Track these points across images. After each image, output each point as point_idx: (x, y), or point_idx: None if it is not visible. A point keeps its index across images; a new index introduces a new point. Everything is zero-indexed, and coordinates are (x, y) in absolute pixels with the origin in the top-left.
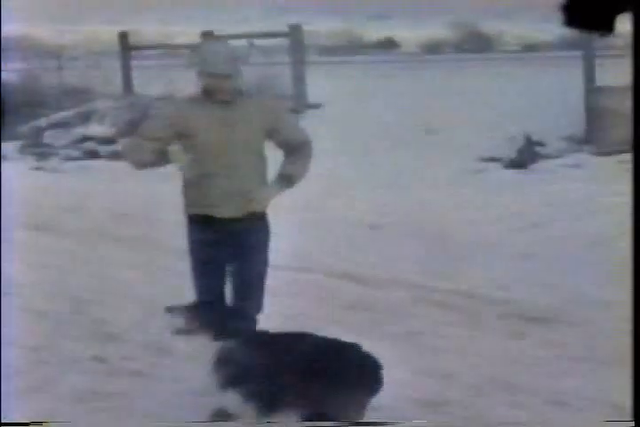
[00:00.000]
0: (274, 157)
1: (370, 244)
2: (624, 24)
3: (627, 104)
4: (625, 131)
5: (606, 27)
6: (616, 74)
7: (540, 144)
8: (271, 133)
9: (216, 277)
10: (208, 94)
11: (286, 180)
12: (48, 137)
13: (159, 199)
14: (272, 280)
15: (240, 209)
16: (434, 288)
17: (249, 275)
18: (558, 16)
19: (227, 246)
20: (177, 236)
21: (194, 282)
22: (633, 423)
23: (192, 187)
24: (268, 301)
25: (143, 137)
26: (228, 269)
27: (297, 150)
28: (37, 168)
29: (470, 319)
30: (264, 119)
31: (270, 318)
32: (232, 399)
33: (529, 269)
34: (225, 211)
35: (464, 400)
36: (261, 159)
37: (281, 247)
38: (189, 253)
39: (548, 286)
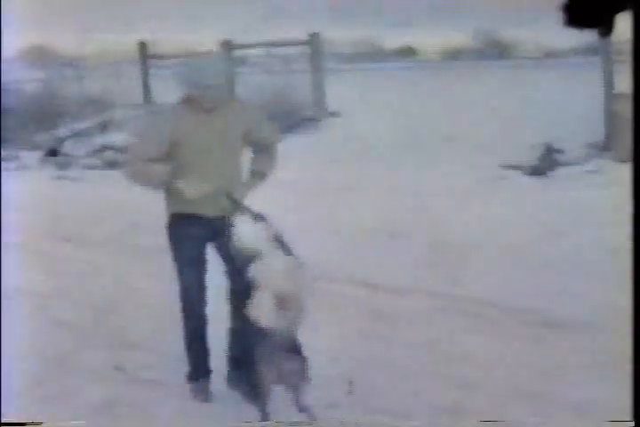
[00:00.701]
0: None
1: (388, 252)
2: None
3: None
4: None
5: (606, 26)
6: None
7: (560, 151)
8: (247, 135)
9: (199, 273)
10: (191, 102)
11: (259, 176)
12: (68, 146)
13: None
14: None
15: (223, 208)
16: (453, 296)
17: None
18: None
19: (209, 243)
20: None
21: (178, 278)
22: (633, 423)
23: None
24: None
25: (140, 159)
26: (224, 269)
27: (266, 149)
28: (58, 177)
29: (491, 327)
30: (241, 122)
31: None
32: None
33: (549, 277)
34: (210, 210)
35: (485, 408)
36: (239, 160)
37: (298, 255)
38: (172, 251)
39: (568, 294)
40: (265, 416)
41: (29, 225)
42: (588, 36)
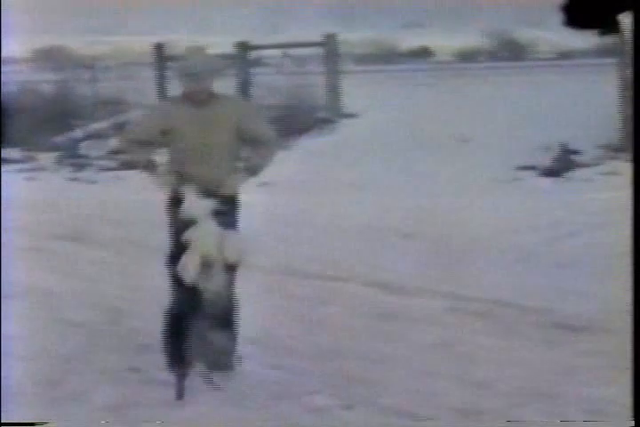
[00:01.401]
0: None
1: (401, 251)
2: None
3: None
4: None
5: (606, 26)
6: None
7: (576, 152)
8: (240, 131)
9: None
10: (187, 96)
11: (251, 170)
12: (84, 148)
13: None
14: (303, 288)
15: (209, 192)
16: (467, 297)
17: None
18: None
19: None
20: None
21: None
22: (633, 423)
23: (172, 173)
24: (298, 308)
25: (130, 139)
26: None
27: (262, 145)
28: (73, 179)
29: (505, 328)
30: (234, 117)
31: (300, 326)
32: None
33: (564, 278)
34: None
35: (500, 409)
36: (232, 152)
37: (313, 255)
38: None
39: (583, 295)
40: (180, 393)
41: (44, 226)
42: (604, 37)
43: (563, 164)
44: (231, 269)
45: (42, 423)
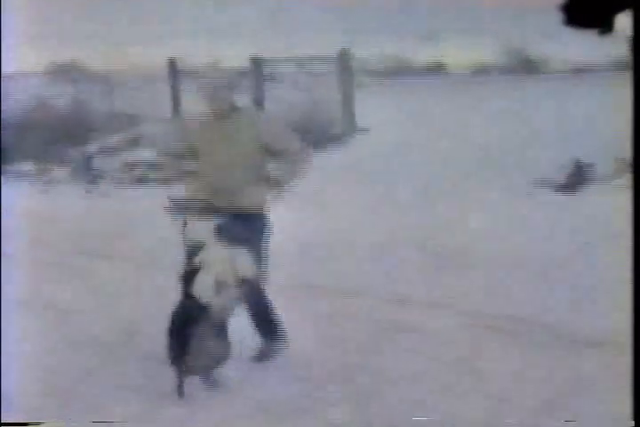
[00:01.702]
0: None
1: (417, 266)
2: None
3: None
4: None
5: (606, 26)
6: None
7: (590, 166)
8: (264, 144)
9: None
10: (210, 111)
11: (276, 182)
12: (98, 162)
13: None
14: (318, 304)
15: (234, 203)
16: (482, 312)
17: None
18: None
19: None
20: None
21: None
22: (633, 423)
23: (195, 182)
24: (311, 324)
25: (165, 152)
26: None
27: (287, 158)
28: (87, 193)
29: (520, 343)
30: (255, 131)
31: (313, 341)
32: None
33: (579, 293)
34: (218, 203)
35: (518, 424)
36: (255, 164)
37: (326, 269)
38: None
39: (598, 310)
40: (180, 390)
41: (57, 240)
42: (618, 51)
43: (577, 178)
44: (242, 284)
45: (40, 423)
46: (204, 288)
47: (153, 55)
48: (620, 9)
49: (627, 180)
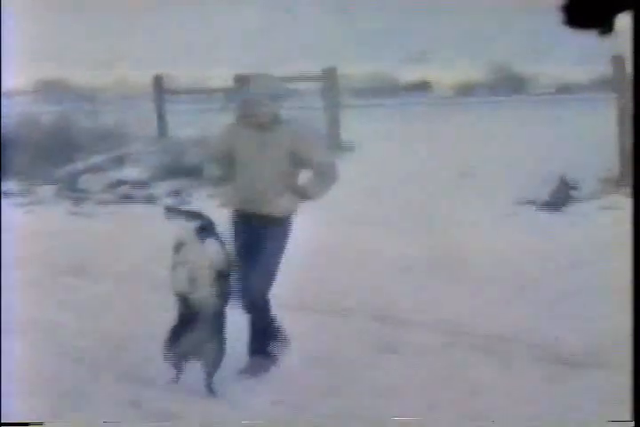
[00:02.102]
0: None
1: (401, 285)
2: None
3: None
4: None
5: (606, 26)
6: None
7: (575, 187)
8: (300, 158)
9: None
10: (249, 119)
11: (301, 194)
12: (83, 181)
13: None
14: (303, 322)
15: (260, 210)
16: (468, 331)
17: (264, 266)
18: (593, 56)
19: (250, 238)
20: None
21: None
22: (633, 423)
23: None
24: (299, 343)
25: (206, 155)
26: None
27: (319, 172)
28: (73, 212)
29: (506, 363)
30: (290, 143)
31: (299, 360)
32: None
33: (564, 312)
34: (249, 209)
35: None
36: (286, 176)
37: (311, 289)
38: None
39: (583, 329)
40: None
41: (45, 260)
42: (604, 70)
43: (561, 198)
44: (222, 278)
45: (40, 424)
46: (179, 284)
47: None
48: (621, 9)
49: (612, 199)
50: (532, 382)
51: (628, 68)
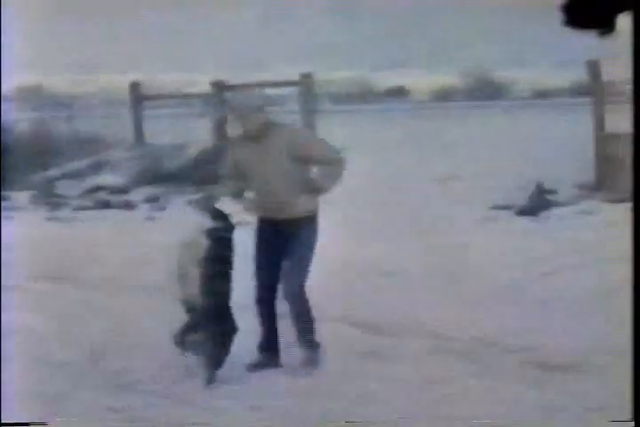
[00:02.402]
0: None
1: (385, 291)
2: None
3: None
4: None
5: (606, 26)
6: (626, 120)
7: (551, 191)
8: (303, 157)
9: (269, 268)
10: (244, 132)
11: (315, 191)
12: (60, 187)
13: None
14: (286, 329)
15: (283, 214)
16: (451, 336)
17: (298, 263)
18: (570, 62)
19: (278, 242)
20: None
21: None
22: (633, 423)
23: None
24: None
25: (224, 173)
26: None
27: (328, 167)
28: (50, 218)
29: (489, 368)
30: (290, 146)
31: (284, 368)
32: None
33: (544, 317)
34: (273, 216)
35: None
36: (295, 177)
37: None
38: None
39: (564, 334)
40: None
41: (22, 266)
42: (580, 76)
43: (538, 203)
44: (223, 278)
45: (40, 424)
46: (169, 281)
47: (118, 79)
48: (621, 9)
49: (589, 204)
50: (513, 386)
51: (604, 72)
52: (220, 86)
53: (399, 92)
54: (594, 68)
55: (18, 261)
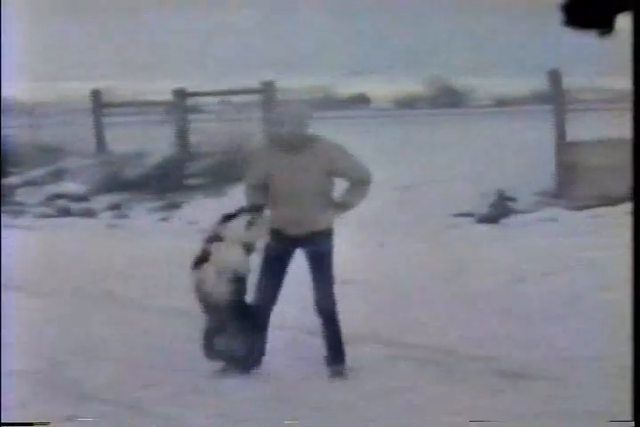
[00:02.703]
0: None
1: (344, 299)
2: (624, 24)
3: (597, 159)
4: (596, 185)
5: (606, 26)
6: (587, 129)
7: (512, 199)
8: (335, 172)
9: (274, 279)
10: (275, 143)
11: (342, 207)
12: (21, 195)
13: (133, 256)
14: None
15: (304, 229)
16: (411, 344)
17: (322, 277)
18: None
19: (293, 257)
20: (152, 293)
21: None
22: (633, 423)
23: (272, 210)
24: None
25: (247, 184)
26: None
27: (355, 183)
28: (10, 226)
29: (449, 376)
30: (326, 161)
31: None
32: None
33: (506, 326)
34: (292, 230)
35: None
36: (324, 192)
37: None
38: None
39: (526, 342)
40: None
41: None
42: (541, 84)
43: (499, 210)
44: (241, 281)
45: (41, 424)
46: (206, 277)
47: (79, 86)
48: (621, 9)
49: (550, 211)
50: (474, 394)
51: (564, 81)
52: (181, 94)
53: (361, 100)
54: (555, 76)
55: None
